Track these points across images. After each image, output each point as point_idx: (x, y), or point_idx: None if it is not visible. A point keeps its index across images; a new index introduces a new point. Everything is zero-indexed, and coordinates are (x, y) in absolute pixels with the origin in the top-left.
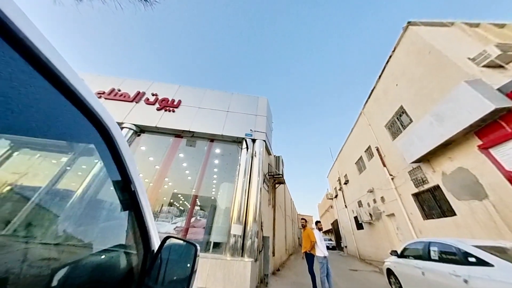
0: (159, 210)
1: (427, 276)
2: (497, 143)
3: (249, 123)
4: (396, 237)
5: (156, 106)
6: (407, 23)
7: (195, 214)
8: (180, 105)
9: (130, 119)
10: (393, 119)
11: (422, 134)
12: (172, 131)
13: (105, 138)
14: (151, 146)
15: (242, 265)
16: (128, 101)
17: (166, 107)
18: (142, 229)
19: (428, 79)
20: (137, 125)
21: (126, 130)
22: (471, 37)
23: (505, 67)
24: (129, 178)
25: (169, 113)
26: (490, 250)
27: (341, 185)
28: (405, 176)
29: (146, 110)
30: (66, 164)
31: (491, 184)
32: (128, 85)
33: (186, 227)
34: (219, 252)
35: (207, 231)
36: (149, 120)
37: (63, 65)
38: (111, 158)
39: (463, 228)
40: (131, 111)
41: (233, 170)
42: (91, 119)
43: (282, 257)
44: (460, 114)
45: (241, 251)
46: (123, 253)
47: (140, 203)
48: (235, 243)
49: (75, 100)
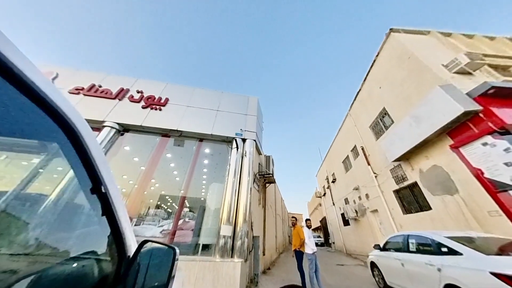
0: (145, 213)
1: (406, 267)
2: (466, 143)
3: (239, 122)
4: (379, 232)
5: (142, 104)
6: (390, 29)
7: (184, 216)
8: (167, 103)
9: (112, 117)
10: (376, 120)
11: (402, 134)
12: (158, 130)
13: (69, 136)
14: (136, 146)
15: (232, 266)
16: (110, 98)
17: (152, 105)
18: (116, 234)
19: (408, 83)
20: (120, 123)
21: (108, 129)
22: (445, 45)
23: (473, 74)
24: (100, 179)
25: (155, 112)
26: (460, 240)
27: (329, 183)
28: (387, 174)
29: (130, 108)
30: (24, 167)
31: (461, 180)
32: (111, 81)
33: (173, 230)
34: (208, 254)
35: (195, 233)
36: (133, 118)
37: (9, 48)
38: (77, 158)
39: (437, 221)
40: (114, 109)
41: (223, 170)
42: (50, 114)
43: (272, 256)
44: (435, 116)
45: (231, 252)
46: (94, 261)
47: (113, 206)
48: (225, 244)
49: (30, 93)
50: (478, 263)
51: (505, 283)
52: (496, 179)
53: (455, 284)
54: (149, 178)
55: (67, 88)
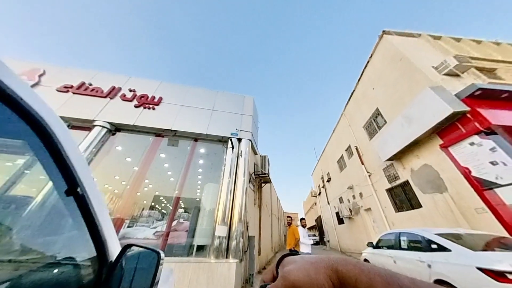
0: (139, 215)
1: (398, 263)
2: (454, 142)
3: (234, 122)
4: (373, 230)
5: (134, 103)
6: (382, 32)
7: (179, 217)
8: (161, 102)
9: (103, 117)
10: (370, 120)
11: (395, 134)
12: (152, 129)
13: (40, 134)
14: (129, 146)
15: (227, 267)
16: (101, 97)
17: (146, 104)
18: (96, 238)
19: (400, 84)
20: (112, 123)
21: (98, 128)
22: (435, 48)
23: (461, 76)
24: (76, 180)
25: (148, 111)
26: (448, 237)
27: (324, 182)
28: (380, 173)
29: (123, 107)
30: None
31: (450, 179)
32: (102, 79)
33: (167, 231)
34: (203, 255)
35: (190, 234)
36: (125, 117)
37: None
38: (49, 157)
39: (427, 218)
40: (105, 108)
41: (218, 170)
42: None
43: (268, 256)
44: (425, 117)
45: (226, 252)
46: (72, 267)
47: (93, 209)
48: (220, 245)
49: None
50: (466, 259)
51: (491, 277)
52: (483, 178)
53: (444, 280)
54: (142, 179)
55: (55, 86)
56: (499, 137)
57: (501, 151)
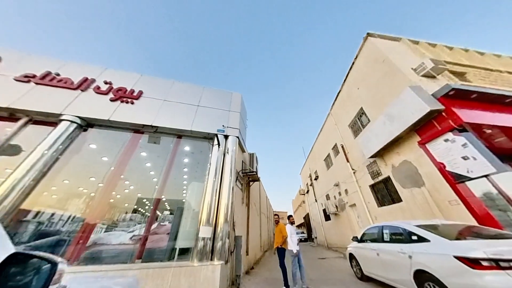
0: (120, 218)
1: (381, 256)
2: (431, 139)
3: (221, 118)
4: (357, 225)
5: (110, 96)
6: (367, 34)
7: (164, 219)
8: (141, 96)
9: (72, 110)
10: (355, 119)
11: (377, 132)
12: (130, 125)
13: None
14: (104, 143)
15: (211, 270)
16: (70, 89)
17: (123, 98)
18: None
19: (382, 84)
20: (83, 117)
21: (66, 123)
22: (413, 51)
23: (436, 78)
24: None
25: (126, 105)
26: (427, 228)
27: (312, 180)
28: (364, 170)
29: (96, 100)
30: None
31: (427, 174)
32: (72, 69)
33: (145, 235)
34: (187, 259)
35: (172, 237)
36: (99, 112)
37: None
38: None
39: (407, 212)
40: (75, 101)
41: (205, 169)
42: None
43: (256, 255)
44: (405, 115)
45: (211, 254)
46: None
47: None
48: (204, 247)
49: None
50: (443, 248)
51: (467, 265)
52: (456, 172)
53: (424, 270)
54: (117, 179)
55: (13, 75)
56: (469, 134)
57: (472, 147)
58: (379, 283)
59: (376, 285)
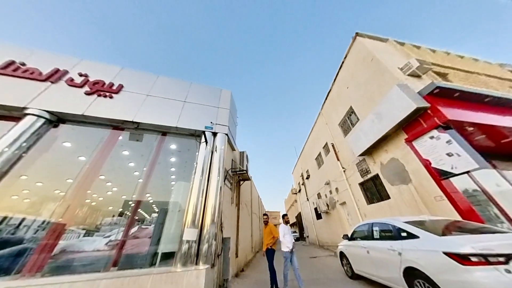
0: (102, 223)
1: (371, 253)
2: (417, 137)
3: (209, 115)
4: (347, 222)
5: (85, 89)
6: (356, 33)
7: (151, 222)
8: (121, 90)
9: (39, 104)
10: (345, 118)
11: (366, 130)
12: (108, 121)
13: None
14: (80, 141)
15: (195, 275)
16: (37, 80)
17: (101, 92)
18: None
19: (371, 83)
20: (52, 112)
21: (32, 118)
22: (399, 52)
23: (421, 77)
24: None
25: (104, 99)
26: (416, 224)
27: (304, 180)
28: (353, 168)
29: (69, 93)
30: None
31: (413, 170)
32: (40, 59)
33: (123, 240)
34: (169, 264)
35: (154, 241)
36: (72, 106)
37: None
38: None
39: (394, 208)
40: (43, 94)
41: (192, 169)
42: None
43: (247, 256)
44: (393, 113)
45: (196, 258)
46: None
47: None
48: (189, 250)
49: None
50: (432, 244)
51: (456, 261)
52: (441, 168)
53: (414, 267)
54: (92, 179)
55: None
56: (453, 131)
57: (456, 144)
58: (369, 282)
59: (366, 284)
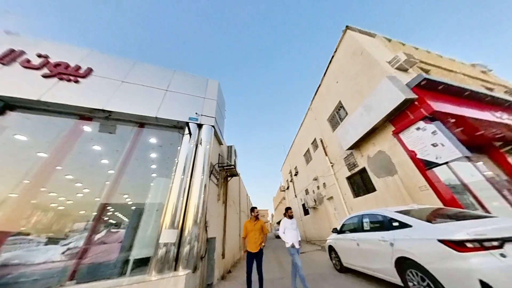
0: (71, 230)
1: (361, 246)
2: (404, 128)
3: (195, 106)
4: (334, 217)
5: (44, 71)
6: (346, 27)
7: (128, 225)
8: (90, 74)
9: None
10: (333, 113)
11: (355, 123)
12: (73, 109)
13: None
14: (37, 132)
15: (173, 282)
16: None
17: (63, 75)
18: None
19: (360, 76)
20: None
21: None
22: (387, 47)
23: (408, 71)
24: None
25: (68, 84)
26: (407, 213)
27: (292, 176)
28: (341, 163)
29: (22, 76)
30: None
31: (399, 162)
32: None
33: (86, 247)
34: (144, 272)
35: (126, 246)
36: (27, 90)
37: None
38: None
39: (380, 200)
40: None
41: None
42: None
43: (235, 256)
44: (382, 105)
45: (175, 263)
46: None
47: None
48: (166, 254)
49: None
50: (426, 232)
51: (452, 248)
52: (425, 159)
53: (407, 257)
54: (46, 179)
55: None
56: (439, 122)
57: (441, 134)
58: (358, 274)
59: (354, 276)
